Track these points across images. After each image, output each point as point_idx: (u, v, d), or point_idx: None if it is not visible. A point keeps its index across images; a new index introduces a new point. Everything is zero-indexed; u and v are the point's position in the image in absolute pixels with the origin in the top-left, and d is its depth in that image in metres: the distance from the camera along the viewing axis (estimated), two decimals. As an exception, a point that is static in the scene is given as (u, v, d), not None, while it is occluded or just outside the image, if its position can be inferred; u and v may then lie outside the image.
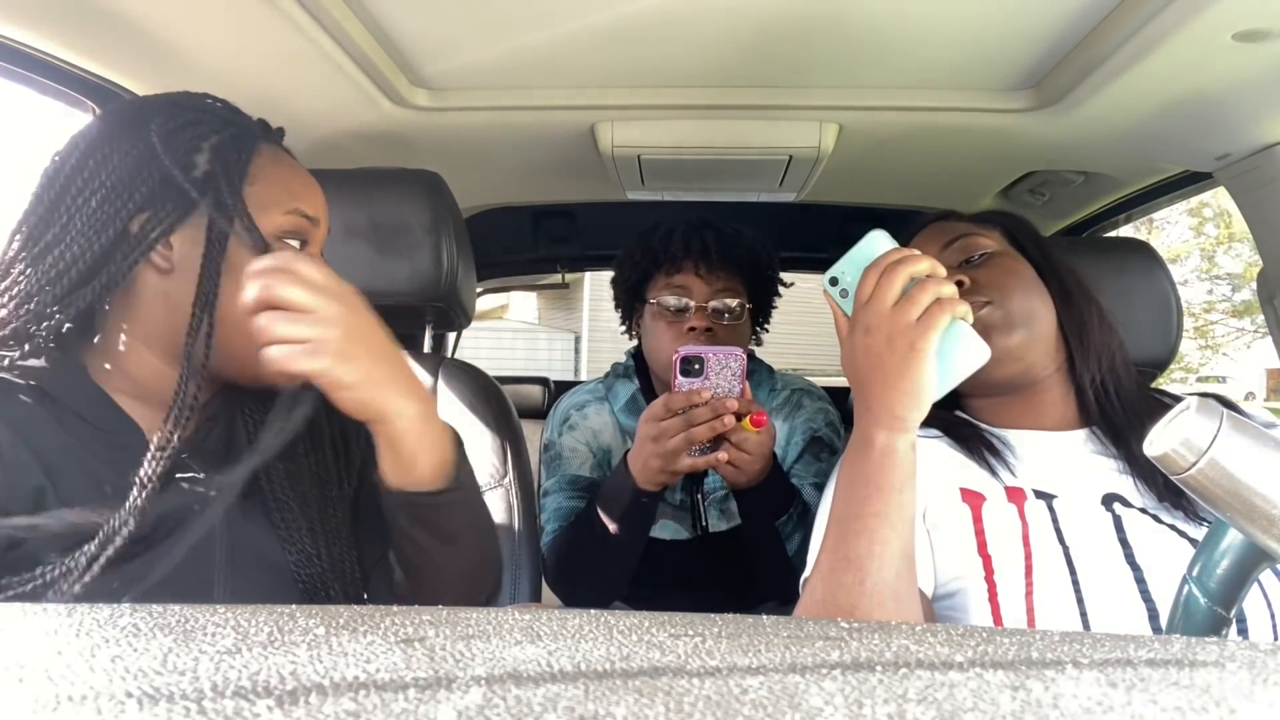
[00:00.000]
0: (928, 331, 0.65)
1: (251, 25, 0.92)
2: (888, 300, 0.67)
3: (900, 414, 0.66)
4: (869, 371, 0.68)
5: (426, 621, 0.26)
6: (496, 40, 1.04)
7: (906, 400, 0.66)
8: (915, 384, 0.66)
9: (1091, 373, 0.87)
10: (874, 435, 0.67)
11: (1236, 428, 0.48)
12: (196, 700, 0.19)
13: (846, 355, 0.71)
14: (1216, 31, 0.87)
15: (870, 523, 0.66)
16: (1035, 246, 0.92)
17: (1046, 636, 0.26)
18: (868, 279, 0.69)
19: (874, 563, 0.65)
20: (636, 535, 1.12)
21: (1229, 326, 13.12)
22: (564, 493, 1.25)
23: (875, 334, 0.67)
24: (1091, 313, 0.89)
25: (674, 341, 1.20)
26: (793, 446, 1.27)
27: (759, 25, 0.99)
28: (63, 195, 0.67)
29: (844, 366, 0.72)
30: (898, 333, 0.66)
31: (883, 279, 0.68)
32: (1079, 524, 0.77)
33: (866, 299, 0.69)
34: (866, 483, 0.67)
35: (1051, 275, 0.89)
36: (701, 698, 0.20)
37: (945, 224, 0.95)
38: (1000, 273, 0.87)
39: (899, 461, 0.67)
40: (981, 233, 0.92)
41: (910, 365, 0.66)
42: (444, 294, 1.09)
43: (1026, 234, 0.94)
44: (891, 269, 0.68)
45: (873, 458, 0.67)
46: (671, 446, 0.99)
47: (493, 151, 1.43)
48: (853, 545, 0.66)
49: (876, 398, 0.67)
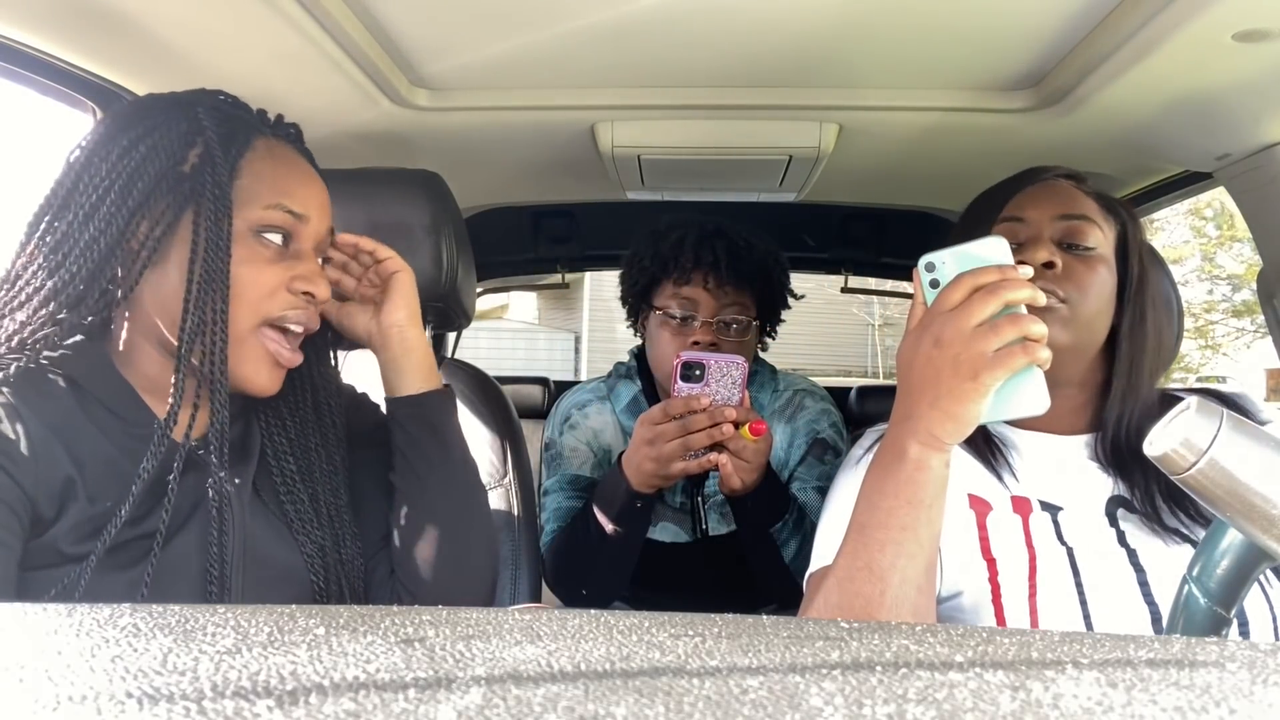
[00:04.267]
0: (998, 369, 0.60)
1: (251, 25, 0.92)
2: (971, 320, 0.61)
3: (939, 435, 0.63)
4: (922, 382, 0.64)
5: (426, 621, 0.26)
6: (496, 40, 1.04)
7: (949, 425, 0.63)
8: (964, 413, 0.62)
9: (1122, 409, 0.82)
10: (908, 447, 0.64)
11: (1236, 428, 0.48)
12: (196, 700, 0.19)
13: (906, 351, 0.66)
14: (1216, 31, 0.87)
15: (896, 535, 0.64)
16: (1139, 260, 0.85)
17: (1046, 636, 0.26)
18: (959, 286, 0.63)
19: (896, 575, 0.63)
20: (633, 537, 1.12)
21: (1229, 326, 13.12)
22: (564, 492, 1.25)
23: (944, 348, 0.62)
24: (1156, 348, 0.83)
25: (678, 351, 1.20)
26: (795, 448, 1.26)
27: (759, 25, 0.99)
28: (72, 195, 0.69)
29: (898, 358, 0.68)
30: (967, 357, 0.61)
31: (976, 296, 0.62)
32: (1083, 532, 0.77)
33: (950, 307, 0.63)
34: (896, 494, 0.64)
35: (1136, 299, 0.83)
36: (701, 698, 0.20)
37: (1069, 191, 0.86)
38: (1091, 278, 0.80)
39: (933, 478, 0.64)
40: (1101, 224, 0.84)
41: (966, 394, 0.61)
42: (444, 294, 1.09)
43: (1137, 244, 0.86)
44: (991, 290, 0.62)
45: (905, 471, 0.64)
46: (666, 451, 0.99)
47: (493, 151, 1.43)
48: (876, 556, 0.64)
49: (921, 411, 0.64)
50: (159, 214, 0.69)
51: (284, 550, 0.76)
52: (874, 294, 7.56)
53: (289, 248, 0.74)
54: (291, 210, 0.74)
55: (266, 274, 0.72)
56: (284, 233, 0.74)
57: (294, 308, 0.74)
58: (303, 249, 0.76)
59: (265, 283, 0.72)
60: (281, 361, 0.74)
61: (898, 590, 0.63)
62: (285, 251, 0.74)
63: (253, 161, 0.73)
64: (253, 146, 0.74)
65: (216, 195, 0.69)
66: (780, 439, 1.26)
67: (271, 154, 0.75)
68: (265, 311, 0.72)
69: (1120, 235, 0.86)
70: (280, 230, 0.73)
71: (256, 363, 0.73)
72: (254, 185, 0.72)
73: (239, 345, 0.71)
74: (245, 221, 0.71)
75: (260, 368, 0.73)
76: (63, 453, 0.64)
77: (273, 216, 0.73)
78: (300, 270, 0.74)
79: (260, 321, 0.72)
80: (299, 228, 0.75)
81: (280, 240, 0.73)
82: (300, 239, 0.75)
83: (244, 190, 0.71)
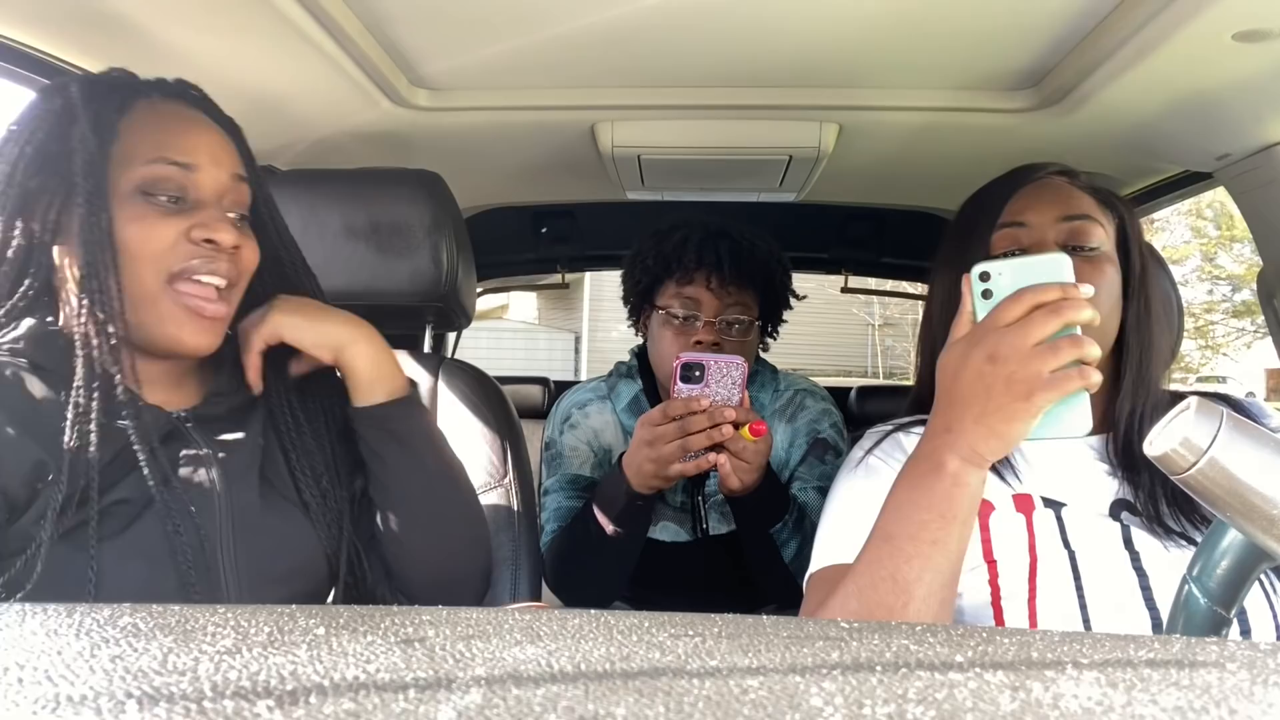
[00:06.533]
0: (1051, 391, 0.59)
1: (251, 25, 0.92)
2: (1030, 339, 0.60)
3: (982, 451, 0.62)
4: (969, 396, 0.62)
5: (426, 621, 0.26)
6: (496, 40, 1.04)
7: (994, 442, 0.62)
8: (1010, 432, 0.61)
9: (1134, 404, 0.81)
10: (947, 461, 0.63)
11: (1236, 428, 0.48)
12: (196, 700, 0.19)
13: (951, 361, 0.64)
14: (1216, 31, 0.87)
15: (925, 549, 0.62)
16: (1140, 254, 0.85)
17: (1046, 637, 0.26)
18: (1020, 301, 0.61)
19: (922, 589, 0.62)
20: (632, 537, 1.12)
21: (1229, 326, 13.13)
22: (564, 492, 1.25)
23: (998, 365, 0.60)
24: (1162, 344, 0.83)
25: (680, 350, 1.20)
26: (796, 448, 1.26)
27: (759, 25, 0.99)
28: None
29: (940, 367, 0.66)
30: (1023, 376, 0.59)
31: (1039, 314, 0.60)
32: (1086, 531, 0.77)
33: (1007, 323, 0.61)
34: (930, 508, 0.63)
35: (1140, 292, 0.82)
36: (701, 698, 0.20)
37: (1067, 190, 0.85)
38: (1101, 280, 0.79)
39: (969, 494, 0.63)
40: (1101, 221, 0.83)
41: (1015, 413, 0.60)
42: (444, 294, 1.09)
43: (1136, 236, 0.86)
44: (1053, 309, 0.60)
45: (941, 485, 0.63)
46: (665, 452, 0.99)
47: (493, 151, 1.43)
48: (902, 567, 0.63)
49: (965, 426, 0.62)
50: (51, 193, 0.70)
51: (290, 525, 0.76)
52: (874, 294, 7.55)
53: (187, 200, 0.73)
54: (175, 161, 0.72)
55: (160, 229, 0.71)
56: (174, 184, 0.72)
57: (197, 257, 0.72)
58: (202, 199, 0.74)
59: (160, 238, 0.71)
60: (206, 314, 0.73)
61: (921, 604, 0.62)
62: (182, 205, 0.73)
63: (132, 123, 0.72)
64: (132, 108, 0.73)
65: (87, 160, 0.68)
66: (781, 439, 1.26)
67: (154, 111, 0.74)
68: (167, 266, 0.71)
69: (1119, 229, 0.85)
70: (168, 183, 0.72)
71: (178, 320, 0.72)
72: (133, 145, 0.71)
73: (153, 306, 0.71)
74: (129, 182, 0.70)
75: (183, 324, 0.72)
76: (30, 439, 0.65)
77: (156, 171, 0.71)
78: (198, 219, 0.72)
79: (165, 278, 0.71)
80: (189, 178, 0.73)
81: (172, 194, 0.72)
82: (195, 189, 0.74)
83: (123, 152, 0.71)
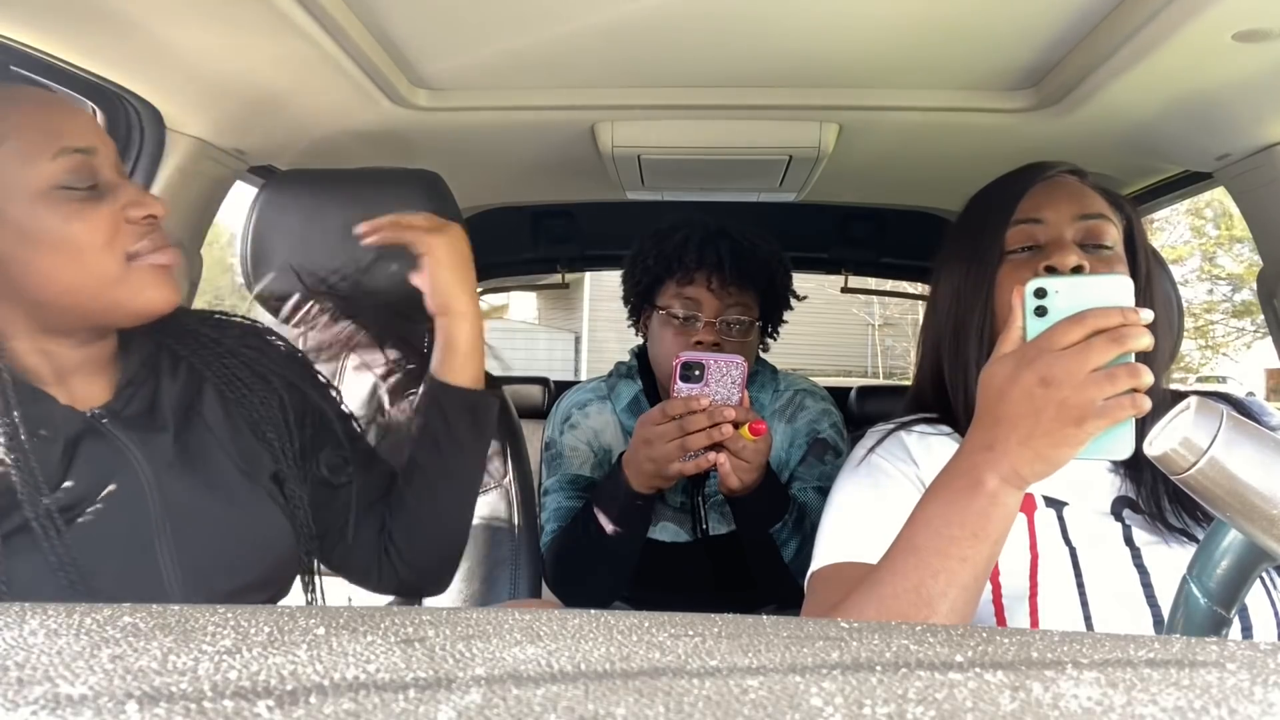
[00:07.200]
0: (1104, 419, 0.58)
1: (251, 25, 0.92)
2: (1088, 365, 0.58)
3: (1024, 474, 0.61)
4: (1016, 416, 0.60)
5: (426, 621, 0.26)
6: (496, 40, 1.04)
7: (1038, 465, 0.60)
8: (1056, 456, 0.60)
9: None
10: (985, 479, 0.61)
11: (1236, 427, 0.48)
12: (196, 700, 0.19)
13: (997, 378, 0.62)
14: (1216, 31, 0.87)
15: (954, 565, 0.61)
16: (1145, 255, 0.85)
17: (1046, 636, 0.26)
18: (1080, 324, 0.60)
19: (946, 605, 0.61)
20: (632, 537, 1.12)
21: (1229, 326, 13.13)
22: (564, 492, 1.25)
23: (1052, 389, 0.59)
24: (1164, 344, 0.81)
25: (680, 350, 1.20)
26: (795, 448, 1.26)
27: (759, 25, 0.99)
28: None
29: (983, 383, 0.64)
30: (1076, 402, 0.58)
31: (1099, 340, 0.59)
32: (1087, 529, 0.77)
33: (1064, 345, 0.59)
34: (962, 524, 0.62)
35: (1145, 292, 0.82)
36: (701, 698, 0.20)
37: (1080, 189, 0.85)
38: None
39: (1005, 514, 0.62)
40: (1112, 220, 0.83)
41: (1065, 438, 0.59)
42: (444, 294, 1.08)
43: (1141, 237, 0.86)
44: (1115, 336, 0.59)
45: (978, 503, 0.61)
46: (665, 452, 0.99)
47: (493, 151, 1.43)
48: (928, 582, 0.62)
49: (1009, 447, 0.61)
50: None
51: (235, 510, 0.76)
52: (874, 294, 7.55)
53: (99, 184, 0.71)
54: (78, 148, 0.70)
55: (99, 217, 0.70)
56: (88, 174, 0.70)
57: (145, 237, 0.72)
58: (112, 179, 0.72)
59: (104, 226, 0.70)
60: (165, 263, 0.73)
61: (944, 620, 0.61)
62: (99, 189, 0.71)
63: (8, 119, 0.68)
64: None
65: None
66: (780, 439, 1.26)
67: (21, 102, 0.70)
68: (123, 247, 0.71)
69: (1127, 230, 0.85)
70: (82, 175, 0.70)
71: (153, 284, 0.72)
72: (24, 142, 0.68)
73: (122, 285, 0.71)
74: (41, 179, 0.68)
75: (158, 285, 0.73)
76: None
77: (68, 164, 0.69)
78: (125, 199, 0.71)
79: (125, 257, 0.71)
80: (93, 161, 0.71)
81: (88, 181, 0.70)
82: (103, 171, 0.72)
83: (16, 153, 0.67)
